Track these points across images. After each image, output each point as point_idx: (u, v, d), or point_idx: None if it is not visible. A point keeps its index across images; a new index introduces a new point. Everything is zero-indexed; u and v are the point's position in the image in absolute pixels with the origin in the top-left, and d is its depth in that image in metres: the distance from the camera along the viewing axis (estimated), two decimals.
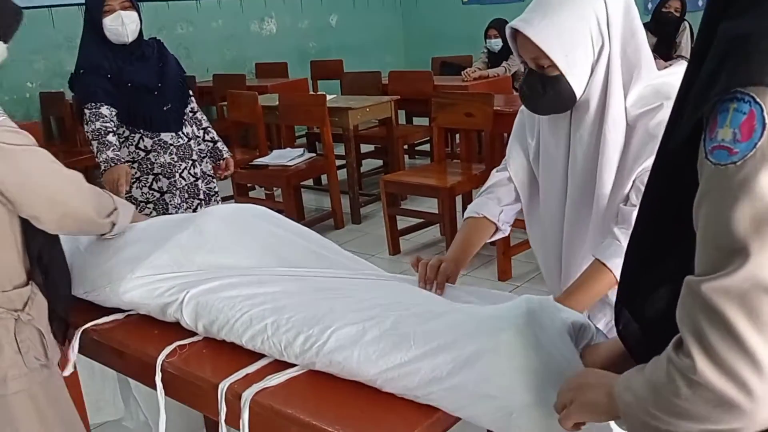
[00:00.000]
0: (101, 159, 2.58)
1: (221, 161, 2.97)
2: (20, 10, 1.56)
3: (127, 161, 2.68)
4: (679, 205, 0.74)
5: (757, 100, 0.64)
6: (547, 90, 1.35)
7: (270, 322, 1.26)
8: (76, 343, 1.52)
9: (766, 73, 0.63)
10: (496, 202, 1.59)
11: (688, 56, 4.63)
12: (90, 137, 2.61)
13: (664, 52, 4.70)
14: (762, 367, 0.63)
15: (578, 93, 1.34)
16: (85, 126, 2.64)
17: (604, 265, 1.33)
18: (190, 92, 2.89)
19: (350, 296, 1.30)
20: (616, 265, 1.30)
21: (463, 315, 1.16)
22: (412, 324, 1.15)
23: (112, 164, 2.57)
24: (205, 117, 2.96)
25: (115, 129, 2.62)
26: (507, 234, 1.65)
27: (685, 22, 5.14)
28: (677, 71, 1.35)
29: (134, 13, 2.59)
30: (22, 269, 1.45)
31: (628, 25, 1.33)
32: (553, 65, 1.30)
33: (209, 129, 2.94)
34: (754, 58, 0.65)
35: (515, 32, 1.33)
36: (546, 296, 1.20)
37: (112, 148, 2.58)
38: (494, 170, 1.69)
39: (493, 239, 1.63)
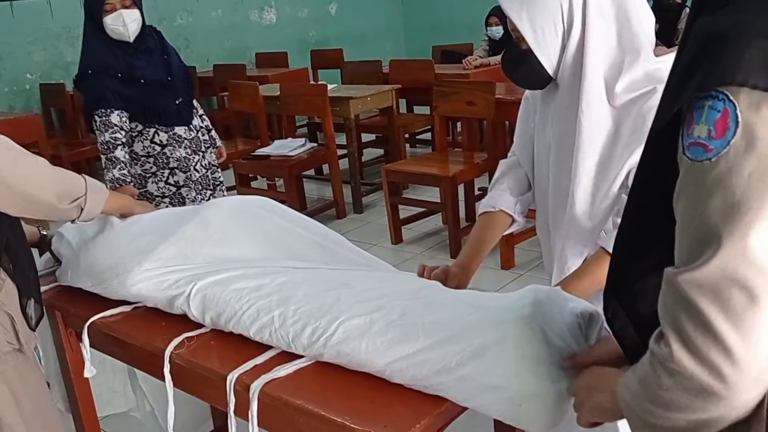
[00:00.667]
0: (107, 178, 2.54)
1: (214, 149, 2.96)
2: None
3: (142, 156, 2.66)
4: (663, 192, 0.76)
5: (731, 98, 0.65)
6: (520, 63, 1.38)
7: (277, 314, 1.27)
8: (86, 339, 1.53)
9: (739, 73, 0.65)
10: (509, 193, 1.58)
11: None
12: (100, 149, 2.58)
13: (666, 39, 4.69)
14: (734, 354, 0.66)
15: (549, 70, 1.35)
16: (96, 134, 2.60)
17: (607, 253, 1.33)
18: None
19: (356, 288, 1.31)
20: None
21: (471, 306, 1.17)
22: (420, 315, 1.16)
23: (118, 185, 2.51)
24: (198, 104, 2.94)
25: (124, 140, 2.58)
26: (522, 225, 1.64)
27: (687, 9, 5.12)
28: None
29: (136, 11, 2.52)
30: None
31: (621, 9, 1.32)
32: (524, 38, 1.33)
33: (204, 117, 2.92)
34: (727, 56, 0.66)
35: None
36: (554, 286, 1.20)
37: (118, 167, 2.53)
38: (501, 160, 1.68)
39: (508, 232, 1.63)
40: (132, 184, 2.60)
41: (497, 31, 5.45)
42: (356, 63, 6.00)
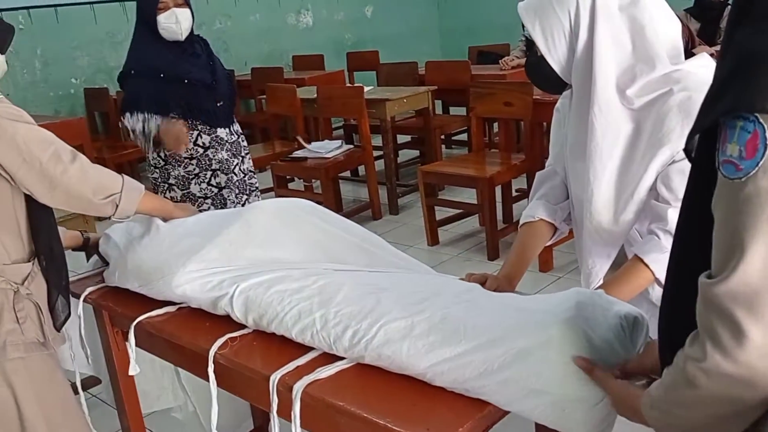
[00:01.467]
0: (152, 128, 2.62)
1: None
2: (11, 27, 1.58)
3: (186, 158, 2.70)
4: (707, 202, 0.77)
5: (761, 121, 0.68)
6: (536, 69, 1.43)
7: (318, 316, 1.29)
8: (132, 338, 1.57)
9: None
10: (547, 202, 1.58)
11: None
12: (132, 138, 2.68)
13: (708, 37, 4.60)
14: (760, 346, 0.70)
15: (560, 74, 1.39)
16: (132, 137, 2.70)
17: (642, 261, 1.33)
18: None
19: (397, 290, 1.31)
20: (653, 260, 1.32)
21: (513, 309, 1.17)
22: (462, 318, 1.16)
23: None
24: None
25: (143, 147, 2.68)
26: (566, 233, 1.63)
27: (729, 7, 5.00)
28: (698, 62, 1.36)
29: (187, 11, 2.59)
30: (23, 247, 1.51)
31: (634, 17, 1.32)
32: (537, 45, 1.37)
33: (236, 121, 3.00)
34: (759, 81, 0.68)
35: None
36: (597, 290, 1.19)
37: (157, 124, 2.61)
38: (538, 172, 1.68)
39: (552, 241, 1.62)
40: (161, 186, 2.70)
41: None
42: (392, 65, 6.01)
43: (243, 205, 2.79)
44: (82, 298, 1.72)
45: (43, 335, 1.52)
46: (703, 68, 1.35)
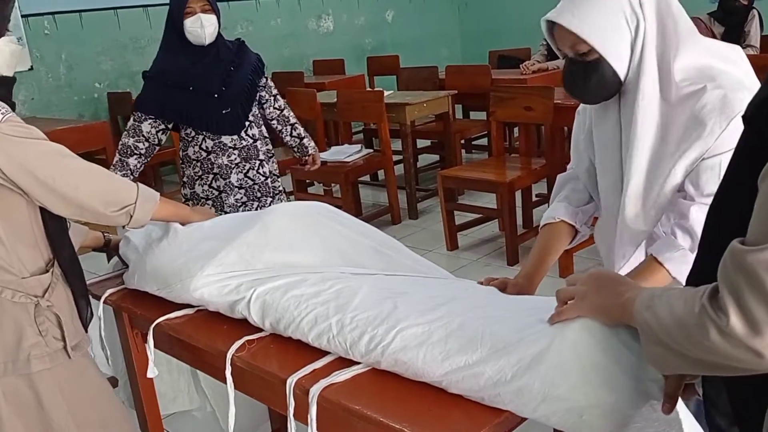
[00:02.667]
0: None
1: (307, 156, 3.09)
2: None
3: (193, 160, 2.79)
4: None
5: None
6: (590, 76, 1.36)
7: (334, 321, 1.28)
8: (151, 340, 1.58)
9: None
10: (570, 204, 1.57)
11: (758, 45, 4.44)
12: (118, 147, 2.74)
13: (733, 41, 4.53)
14: None
15: (621, 74, 1.35)
16: (124, 132, 2.76)
17: (656, 260, 1.32)
18: (275, 92, 2.96)
19: (414, 296, 1.31)
20: (667, 259, 1.32)
21: (531, 314, 1.16)
22: (480, 325, 1.15)
23: None
24: (293, 114, 3.05)
25: (144, 152, 2.73)
26: (587, 236, 1.62)
27: (754, 11, 4.94)
28: (730, 57, 1.36)
29: (213, 17, 2.65)
30: (40, 256, 1.51)
31: (668, 4, 1.33)
32: (592, 49, 1.33)
33: (296, 125, 3.05)
34: None
35: (551, 25, 1.36)
36: None
37: (124, 171, 2.69)
38: (559, 175, 1.67)
39: (573, 244, 1.61)
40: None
41: None
42: (412, 69, 6.01)
43: (267, 206, 2.83)
44: (102, 300, 1.74)
45: (64, 341, 1.52)
46: (734, 66, 1.34)
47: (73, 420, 1.52)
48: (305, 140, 3.06)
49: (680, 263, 1.32)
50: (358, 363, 1.26)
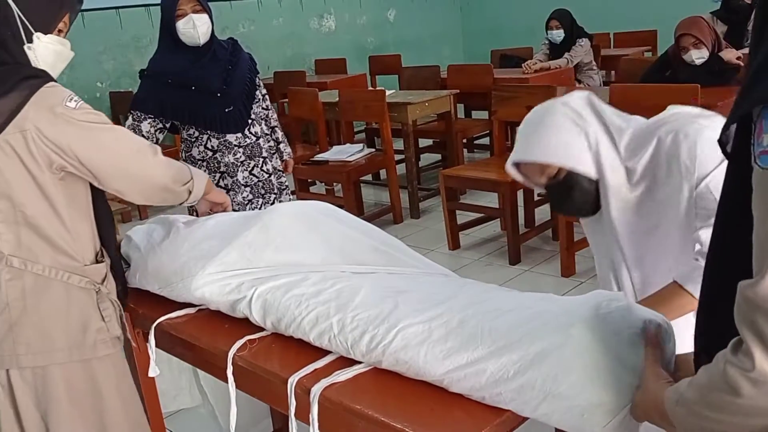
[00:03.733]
0: None
1: (281, 162, 3.05)
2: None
3: (198, 160, 2.78)
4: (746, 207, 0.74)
5: None
6: (570, 192, 1.47)
7: (335, 320, 1.28)
8: (152, 340, 1.58)
9: None
10: None
11: None
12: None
13: (736, 40, 4.52)
14: None
15: (593, 175, 1.44)
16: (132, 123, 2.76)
17: (678, 285, 1.35)
18: (264, 91, 2.95)
19: (414, 294, 1.31)
20: (687, 280, 1.34)
21: (531, 312, 1.15)
22: (480, 323, 1.15)
23: None
24: (275, 117, 3.03)
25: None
26: None
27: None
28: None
29: (205, 16, 2.65)
30: (94, 248, 1.55)
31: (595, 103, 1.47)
32: (560, 168, 1.43)
33: (276, 128, 3.02)
34: None
35: (516, 166, 1.51)
36: (618, 292, 1.17)
37: None
38: None
39: None
40: None
41: (558, 35, 5.36)
42: (414, 68, 6.00)
43: (272, 204, 2.83)
44: None
45: (124, 331, 1.57)
46: (670, 111, 1.47)
47: (123, 410, 1.56)
48: (282, 145, 3.04)
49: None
50: (360, 362, 1.26)
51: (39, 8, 1.42)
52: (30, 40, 1.42)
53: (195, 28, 2.62)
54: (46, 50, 1.45)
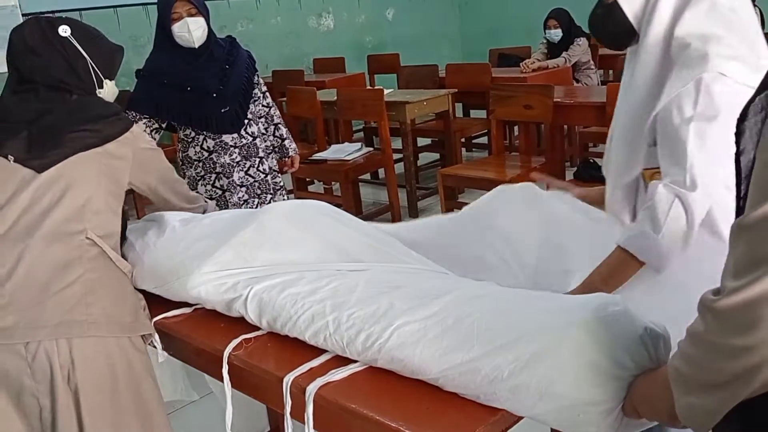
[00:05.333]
0: None
1: (287, 158, 3.05)
2: (121, 48, 1.83)
3: (194, 160, 2.78)
4: None
5: None
6: (605, 18, 1.41)
7: (331, 319, 1.28)
8: (157, 338, 1.58)
9: None
10: None
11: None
12: None
13: None
14: None
15: (633, 21, 1.37)
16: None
17: (619, 247, 1.32)
18: (265, 89, 2.95)
19: (410, 291, 1.30)
20: (628, 241, 1.31)
21: (527, 311, 1.15)
22: (475, 321, 1.14)
23: None
24: (278, 113, 3.02)
25: None
26: None
27: (757, 9, 4.93)
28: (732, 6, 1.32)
29: (201, 19, 2.64)
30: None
31: None
32: None
33: (280, 126, 3.01)
34: None
35: None
36: (616, 296, 1.16)
37: None
38: None
39: None
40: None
41: (555, 34, 5.37)
42: (412, 67, 6.00)
43: (267, 203, 2.82)
44: None
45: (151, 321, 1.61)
46: (737, 25, 1.31)
47: (156, 401, 1.59)
48: (287, 141, 3.03)
49: (641, 242, 1.30)
50: (355, 361, 1.26)
51: (104, 58, 1.72)
52: (101, 86, 1.70)
53: (189, 32, 2.61)
54: (109, 92, 1.74)
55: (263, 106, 2.93)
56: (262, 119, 2.95)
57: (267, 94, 2.97)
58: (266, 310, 1.39)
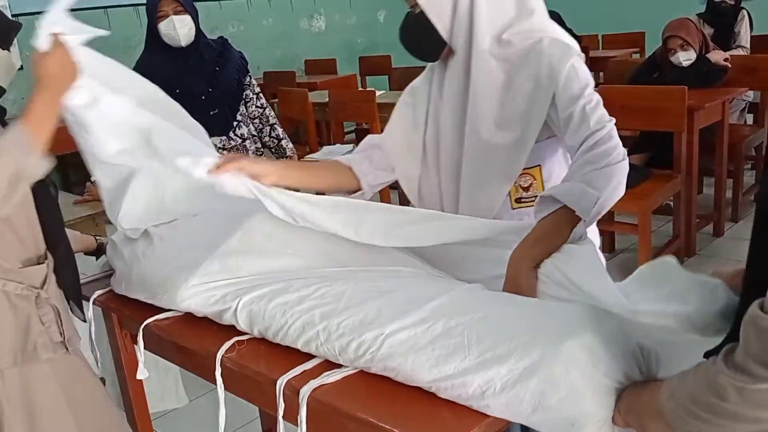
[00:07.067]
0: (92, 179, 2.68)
1: (285, 158, 3.04)
2: (17, 24, 1.57)
3: None
4: None
5: None
6: (413, 29, 1.43)
7: (321, 328, 1.27)
8: (141, 342, 1.57)
9: None
10: (369, 162, 1.59)
11: (748, 45, 4.42)
12: None
13: (723, 42, 4.55)
14: None
15: (442, 32, 1.38)
16: None
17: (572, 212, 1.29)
18: (257, 90, 2.93)
19: (400, 294, 1.28)
20: (570, 201, 1.28)
21: (519, 322, 1.13)
22: (465, 331, 1.13)
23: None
24: (273, 114, 3.02)
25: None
26: (368, 198, 1.63)
27: (743, 11, 4.97)
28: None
29: (187, 17, 2.63)
30: (34, 250, 1.51)
31: None
32: (417, 2, 1.38)
33: (276, 126, 3.01)
34: None
35: None
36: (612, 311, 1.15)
37: None
38: (368, 137, 1.71)
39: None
40: None
41: None
42: (404, 69, 5.98)
43: None
44: (91, 301, 1.72)
45: (62, 336, 1.53)
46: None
47: (74, 420, 1.51)
48: (283, 141, 3.03)
49: (576, 194, 1.29)
50: None
51: None
52: None
53: (175, 30, 2.60)
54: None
55: (257, 107, 2.93)
56: (256, 120, 2.94)
57: (261, 94, 2.96)
58: (257, 321, 1.37)
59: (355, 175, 1.59)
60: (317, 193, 1.51)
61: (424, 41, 1.42)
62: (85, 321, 1.69)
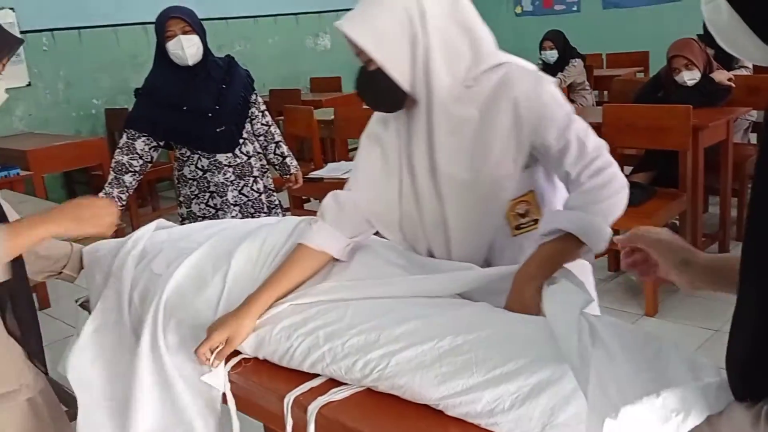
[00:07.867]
0: (106, 192, 2.72)
1: (288, 175, 3.06)
2: (18, 41, 1.49)
3: (189, 179, 2.80)
4: None
5: None
6: (373, 85, 1.40)
7: (326, 349, 1.27)
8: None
9: None
10: (340, 233, 1.51)
11: (750, 66, 4.40)
12: (112, 165, 2.75)
13: (725, 62, 4.57)
14: None
15: (404, 85, 1.37)
16: (117, 149, 2.78)
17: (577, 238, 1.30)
18: (263, 107, 2.96)
19: (402, 314, 1.28)
20: (569, 221, 1.30)
21: (528, 338, 1.14)
22: (472, 349, 1.13)
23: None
24: (278, 132, 3.04)
25: (138, 169, 2.74)
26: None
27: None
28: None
29: (195, 37, 2.66)
30: None
31: (458, 20, 1.37)
32: (372, 59, 1.36)
33: (281, 143, 3.03)
34: None
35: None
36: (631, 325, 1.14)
37: (121, 189, 2.72)
38: (332, 194, 1.63)
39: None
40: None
41: (551, 56, 5.42)
42: None
43: None
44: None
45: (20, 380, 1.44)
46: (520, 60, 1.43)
47: None
48: (288, 159, 3.05)
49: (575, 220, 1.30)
50: None
51: None
52: None
53: (183, 50, 2.63)
54: None
55: (262, 124, 2.95)
56: (261, 137, 2.96)
57: (266, 112, 2.99)
58: (262, 346, 1.37)
59: (330, 255, 1.50)
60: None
61: (386, 94, 1.39)
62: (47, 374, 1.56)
